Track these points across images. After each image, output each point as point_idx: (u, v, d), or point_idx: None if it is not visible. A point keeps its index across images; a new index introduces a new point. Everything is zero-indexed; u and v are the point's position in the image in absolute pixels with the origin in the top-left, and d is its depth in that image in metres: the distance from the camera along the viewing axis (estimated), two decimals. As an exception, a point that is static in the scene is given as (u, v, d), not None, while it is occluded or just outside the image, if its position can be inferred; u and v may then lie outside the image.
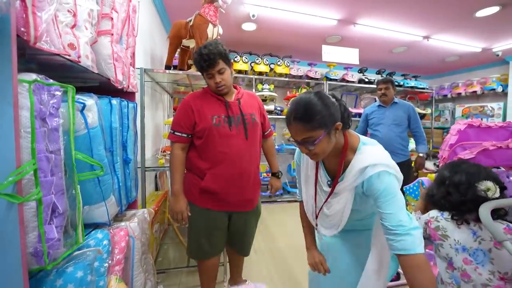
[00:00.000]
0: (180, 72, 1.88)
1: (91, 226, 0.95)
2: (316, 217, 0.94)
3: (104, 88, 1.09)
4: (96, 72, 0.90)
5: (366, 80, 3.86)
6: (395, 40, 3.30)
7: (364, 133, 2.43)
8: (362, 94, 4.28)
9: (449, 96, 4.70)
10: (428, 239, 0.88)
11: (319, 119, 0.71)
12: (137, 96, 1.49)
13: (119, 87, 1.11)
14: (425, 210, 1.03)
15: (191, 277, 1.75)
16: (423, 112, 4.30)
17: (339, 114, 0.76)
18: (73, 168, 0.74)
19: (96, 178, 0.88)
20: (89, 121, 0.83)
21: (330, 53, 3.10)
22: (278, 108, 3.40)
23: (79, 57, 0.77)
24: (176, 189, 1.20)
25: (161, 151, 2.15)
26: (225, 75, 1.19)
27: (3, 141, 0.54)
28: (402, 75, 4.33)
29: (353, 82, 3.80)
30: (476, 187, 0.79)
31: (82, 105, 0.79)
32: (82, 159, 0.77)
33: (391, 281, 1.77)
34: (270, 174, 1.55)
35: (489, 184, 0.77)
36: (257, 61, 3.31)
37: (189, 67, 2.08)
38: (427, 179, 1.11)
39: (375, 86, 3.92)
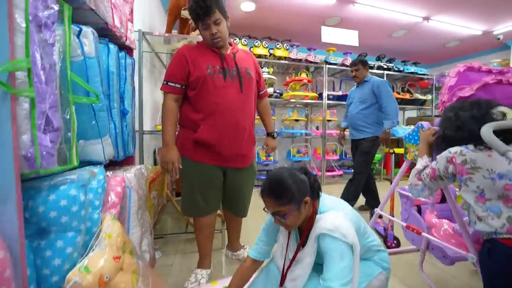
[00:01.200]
0: (180, 35, 1.87)
1: (86, 164, 0.94)
2: (282, 277, 0.90)
3: (102, 35, 1.08)
4: (93, 8, 0.90)
5: (366, 65, 3.84)
6: (395, 22, 3.29)
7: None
8: (362, 81, 4.26)
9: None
10: (450, 177, 0.84)
11: (289, 196, 0.78)
12: (135, 54, 1.48)
13: (117, 34, 1.11)
14: (429, 153, 1.01)
15: (189, 244, 1.74)
16: (423, 98, 4.28)
17: (308, 189, 0.82)
18: (68, 87, 0.74)
19: (92, 111, 0.88)
20: (86, 50, 0.83)
21: (329, 34, 3.09)
22: (278, 91, 3.39)
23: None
24: (167, 139, 1.18)
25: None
26: (221, 27, 1.19)
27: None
28: (402, 61, 4.32)
29: (352, 66, 3.79)
30: (492, 113, 0.78)
31: (78, 29, 0.79)
32: (78, 82, 0.77)
33: (390, 246, 1.75)
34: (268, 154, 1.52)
35: (504, 108, 0.76)
36: (256, 44, 3.31)
37: (187, 40, 2.08)
38: (427, 123, 1.09)
39: (375, 71, 3.93)
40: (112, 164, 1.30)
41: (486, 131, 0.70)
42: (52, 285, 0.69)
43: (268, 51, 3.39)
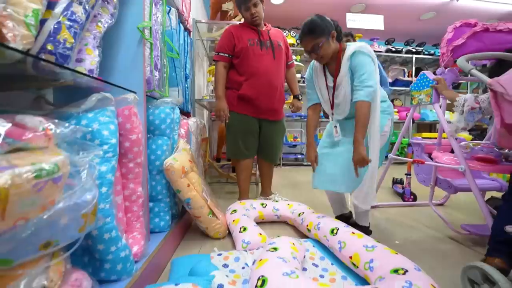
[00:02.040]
0: (223, 21, 2.29)
1: (167, 105, 1.35)
2: (331, 108, 1.26)
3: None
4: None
5: (393, 49, 3.92)
6: (422, 5, 3.35)
7: None
8: (390, 66, 4.32)
9: (488, 65, 4.46)
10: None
11: (319, 29, 1.10)
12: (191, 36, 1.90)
13: (184, 17, 1.52)
14: (455, 93, 1.14)
15: (229, 194, 2.13)
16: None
17: (333, 28, 1.14)
18: (164, 45, 1.14)
19: (173, 66, 1.29)
20: (172, 23, 1.23)
21: (354, 20, 3.28)
22: (305, 76, 3.66)
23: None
24: (219, 94, 1.58)
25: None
26: (258, 8, 1.55)
27: None
28: (434, 45, 4.27)
29: (380, 51, 3.90)
30: None
31: (168, 8, 1.20)
32: (168, 42, 1.17)
33: (407, 200, 1.93)
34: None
35: None
36: (284, 34, 3.63)
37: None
38: (428, 72, 1.31)
39: (403, 55, 3.97)
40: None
41: (460, 60, 0.94)
42: (156, 167, 1.09)
43: (296, 40, 3.68)
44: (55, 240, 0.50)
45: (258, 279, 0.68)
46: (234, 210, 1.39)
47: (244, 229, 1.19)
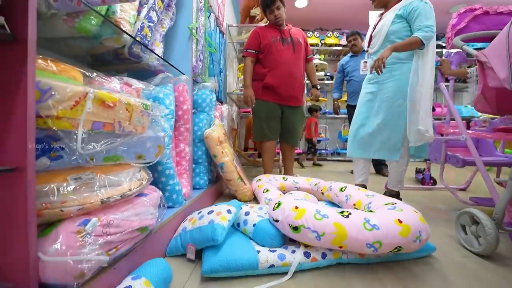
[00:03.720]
0: (252, 25, 2.60)
1: (206, 91, 1.66)
2: (368, 45, 1.47)
3: (210, 22, 1.84)
4: (211, 5, 1.64)
5: (421, 44, 3.88)
6: (451, -2, 3.31)
7: (341, 83, 2.75)
8: (418, 62, 4.25)
9: None
10: None
11: None
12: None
13: (220, 21, 1.85)
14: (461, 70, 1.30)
15: (257, 172, 2.38)
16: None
17: None
18: (205, 42, 1.46)
19: (212, 59, 1.60)
20: (211, 25, 1.55)
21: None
22: (328, 74, 3.82)
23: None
24: (247, 83, 1.86)
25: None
26: (280, 11, 1.82)
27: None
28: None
29: (406, 48, 3.90)
30: None
31: (209, 14, 1.52)
32: (208, 40, 1.49)
33: (427, 184, 1.99)
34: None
35: None
36: (308, 35, 3.84)
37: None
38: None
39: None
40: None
41: (455, 39, 1.09)
42: (198, 136, 1.40)
43: (320, 41, 3.87)
44: (144, 156, 0.79)
45: (275, 204, 0.91)
46: (259, 179, 1.64)
47: (267, 190, 1.43)
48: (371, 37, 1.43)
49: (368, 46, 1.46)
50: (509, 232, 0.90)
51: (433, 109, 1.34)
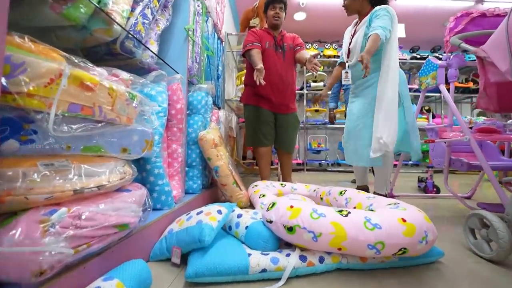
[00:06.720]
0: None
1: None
2: (347, 56, 1.60)
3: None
4: (210, 11, 1.66)
5: (418, 56, 3.94)
6: (444, 10, 3.39)
7: (338, 92, 2.87)
8: (416, 74, 4.29)
9: None
10: None
11: None
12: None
13: (218, 27, 1.86)
14: None
15: (254, 179, 2.31)
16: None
17: None
18: (203, 45, 1.46)
19: (208, 62, 1.60)
20: (209, 29, 1.56)
21: (374, 30, 3.44)
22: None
23: (206, -6, 1.52)
24: (257, 62, 1.64)
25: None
26: (281, 13, 1.84)
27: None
28: (463, 51, 4.17)
29: (404, 59, 3.95)
30: None
31: (206, 18, 1.53)
32: (205, 43, 1.48)
33: (430, 192, 1.91)
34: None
35: None
36: (307, 47, 3.91)
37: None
38: (432, 57, 1.42)
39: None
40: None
41: (453, 39, 1.07)
42: (192, 138, 1.35)
43: (319, 52, 3.94)
44: (129, 149, 0.75)
45: (269, 204, 0.85)
46: (256, 185, 1.57)
47: (264, 195, 1.36)
48: (349, 49, 1.59)
49: (348, 57, 1.61)
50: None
51: (433, 116, 1.35)
